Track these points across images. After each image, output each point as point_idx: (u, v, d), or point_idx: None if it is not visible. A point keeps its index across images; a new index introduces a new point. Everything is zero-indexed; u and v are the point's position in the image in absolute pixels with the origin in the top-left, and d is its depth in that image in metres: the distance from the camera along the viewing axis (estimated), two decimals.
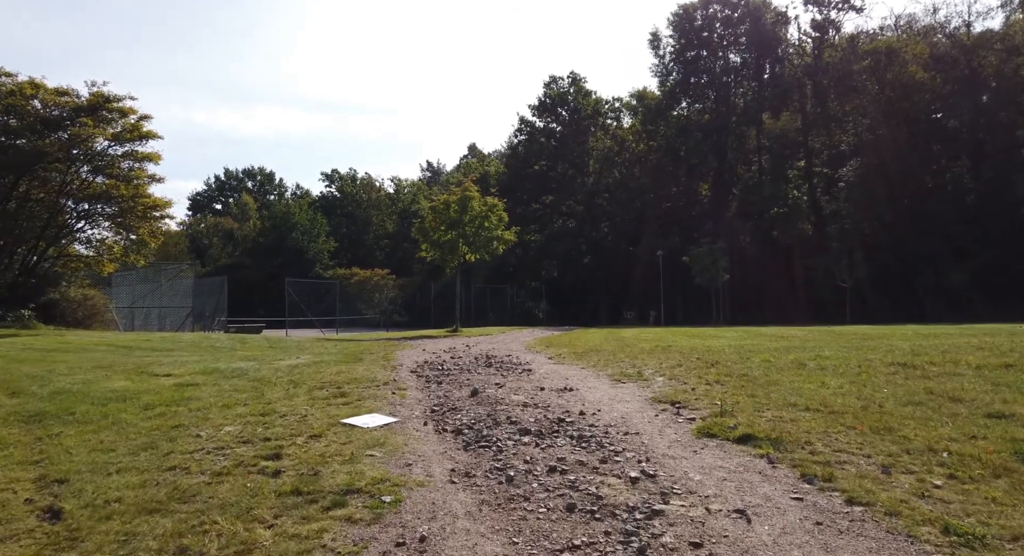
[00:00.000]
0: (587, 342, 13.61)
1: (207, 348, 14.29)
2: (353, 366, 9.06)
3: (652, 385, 7.28)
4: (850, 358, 8.29)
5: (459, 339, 18.32)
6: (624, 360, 9.37)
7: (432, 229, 24.18)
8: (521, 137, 53.44)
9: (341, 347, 14.96)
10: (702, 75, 48.59)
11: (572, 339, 15.20)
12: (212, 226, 63.83)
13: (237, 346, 15.35)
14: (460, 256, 24.17)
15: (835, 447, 4.61)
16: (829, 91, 41.59)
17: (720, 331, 16.58)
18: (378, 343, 16.59)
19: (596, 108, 52.12)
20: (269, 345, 15.63)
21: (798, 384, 6.76)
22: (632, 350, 10.73)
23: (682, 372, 7.94)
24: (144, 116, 21.07)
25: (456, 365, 9.67)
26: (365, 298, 53.60)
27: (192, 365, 9.32)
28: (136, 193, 19.23)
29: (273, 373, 8.25)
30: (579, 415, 5.84)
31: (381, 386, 7.32)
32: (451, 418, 5.83)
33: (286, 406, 6.08)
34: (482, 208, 24.00)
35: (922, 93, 39.05)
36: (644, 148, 50.16)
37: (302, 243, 59.64)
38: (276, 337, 18.43)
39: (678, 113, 49.68)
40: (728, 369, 7.89)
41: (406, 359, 10.73)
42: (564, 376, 8.14)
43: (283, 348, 14.60)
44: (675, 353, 9.88)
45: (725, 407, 5.74)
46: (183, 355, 11.80)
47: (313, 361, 9.72)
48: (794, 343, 10.98)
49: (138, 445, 4.84)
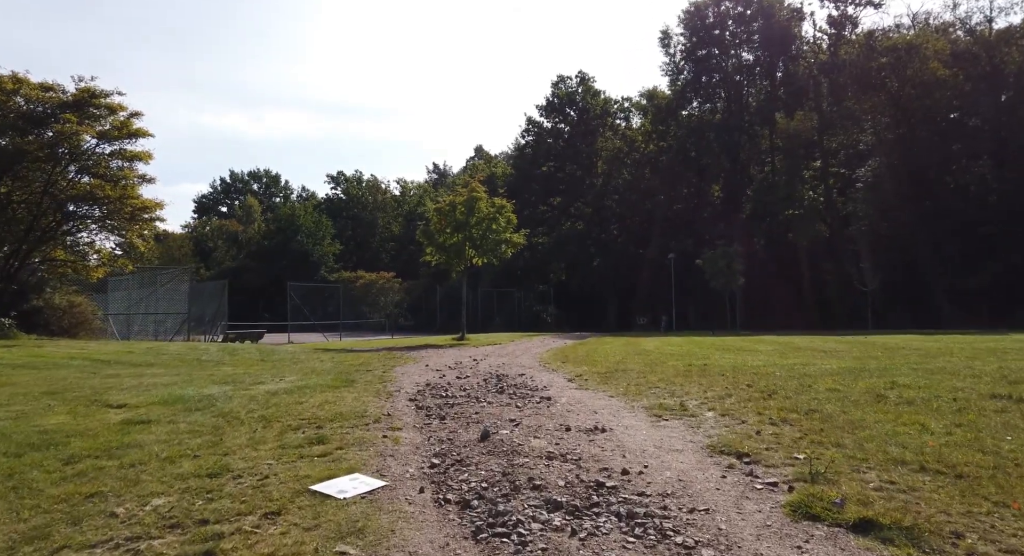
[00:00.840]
0: (607, 357, 12.21)
1: (191, 362, 12.99)
2: (342, 393, 7.70)
3: (702, 424, 5.88)
4: (935, 386, 6.87)
5: (466, 349, 16.96)
6: (658, 386, 7.97)
7: (437, 232, 22.85)
8: (528, 138, 52.17)
9: (337, 361, 13.63)
10: (713, 74, 47.17)
11: (589, 352, 13.81)
12: (216, 229, 62.80)
13: (225, 358, 14.06)
14: (467, 260, 22.83)
15: (998, 541, 3.22)
16: (846, 89, 40.06)
17: (750, 342, 15.14)
18: (378, 355, 15.25)
19: (605, 108, 50.78)
20: (260, 358, 14.31)
21: (890, 427, 5.35)
22: (663, 370, 9.33)
23: (735, 405, 6.54)
24: (134, 113, 19.85)
25: (462, 389, 8.30)
26: (370, 301, 52.31)
27: (158, 390, 7.99)
28: (124, 194, 17.98)
29: (246, 404, 6.90)
30: (622, 475, 4.46)
31: (371, 425, 5.95)
32: (456, 478, 4.46)
33: (246, 460, 4.72)
34: (490, 210, 22.66)
35: (943, 90, 37.46)
36: (654, 148, 48.76)
37: (307, 246, 58.53)
38: (269, 347, 17.13)
39: (689, 113, 48.28)
40: (791, 402, 6.48)
41: (405, 380, 9.37)
42: (591, 408, 6.76)
43: (273, 362, 13.28)
44: (716, 376, 8.46)
45: (815, 466, 4.34)
46: (158, 373, 10.49)
47: (297, 385, 8.36)
48: (849, 362, 9.55)
49: (24, 532, 3.49)
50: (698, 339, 18.11)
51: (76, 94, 18.28)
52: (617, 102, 51.91)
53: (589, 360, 11.80)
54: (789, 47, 44.76)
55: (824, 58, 42.83)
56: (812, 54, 44.51)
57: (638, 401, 7.04)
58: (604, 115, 50.75)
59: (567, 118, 50.80)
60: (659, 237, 45.60)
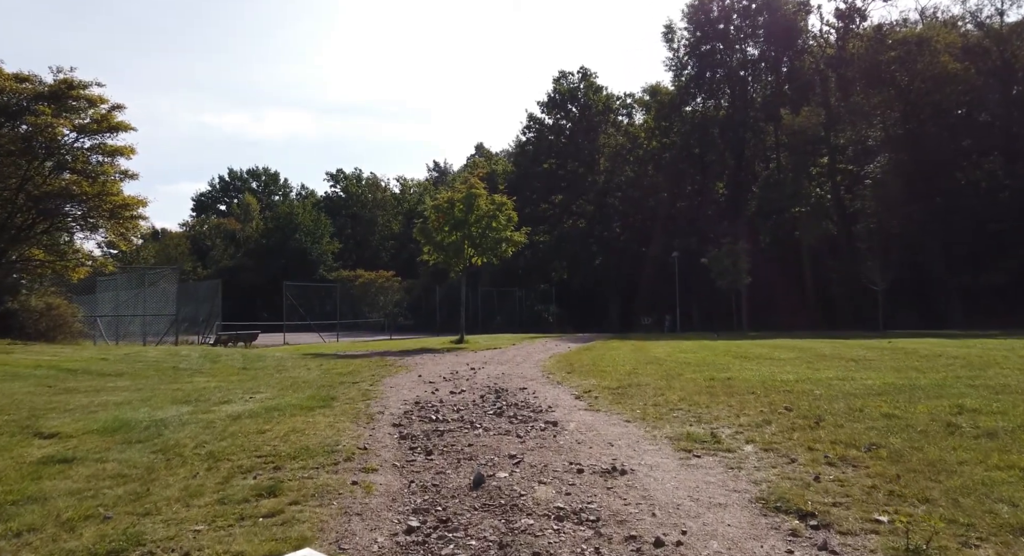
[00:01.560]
0: (617, 366, 11.12)
1: (165, 372, 11.94)
2: (316, 417, 6.62)
3: (743, 463, 4.80)
4: (1010, 411, 5.79)
5: (464, 355, 15.89)
6: (680, 407, 6.89)
7: (435, 230, 21.77)
8: (530, 134, 51.02)
9: (325, 369, 12.56)
10: (718, 69, 46.00)
11: (596, 360, 12.71)
12: (214, 227, 61.73)
13: (205, 366, 13.01)
14: (466, 259, 21.75)
15: None
16: (855, 84, 38.89)
17: (767, 348, 14.04)
18: (369, 362, 14.18)
19: (607, 104, 49.63)
20: (242, 365, 13.25)
21: (982, 472, 4.27)
22: (683, 386, 8.24)
23: (777, 437, 5.45)
24: (116, 106, 18.79)
25: (456, 410, 7.22)
26: (369, 301, 51.25)
27: (106, 412, 6.93)
28: (103, 191, 16.89)
29: (198, 433, 5.83)
30: (655, 548, 3.38)
31: (341, 464, 4.88)
32: (437, 552, 3.39)
33: (168, 524, 3.64)
34: (489, 207, 21.58)
35: (954, 85, 36.24)
36: (657, 145, 47.61)
37: (306, 244, 57.47)
38: (256, 352, 16.07)
39: (693, 109, 47.11)
40: (845, 433, 5.40)
41: (393, 397, 8.30)
42: (606, 439, 5.68)
43: (255, 372, 12.22)
44: (744, 394, 7.37)
45: (912, 539, 3.26)
46: (120, 386, 9.44)
47: (267, 405, 7.28)
48: (890, 375, 8.45)
49: None
50: (710, 344, 17.00)
51: (53, 85, 17.21)
52: (620, 98, 50.75)
53: (597, 370, 10.71)
54: (795, 41, 43.56)
55: (831, 52, 41.65)
56: (819, 49, 43.32)
57: (660, 428, 5.95)
58: (606, 111, 49.59)
59: (569, 114, 49.65)
60: (662, 235, 44.48)
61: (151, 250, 53.16)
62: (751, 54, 46.07)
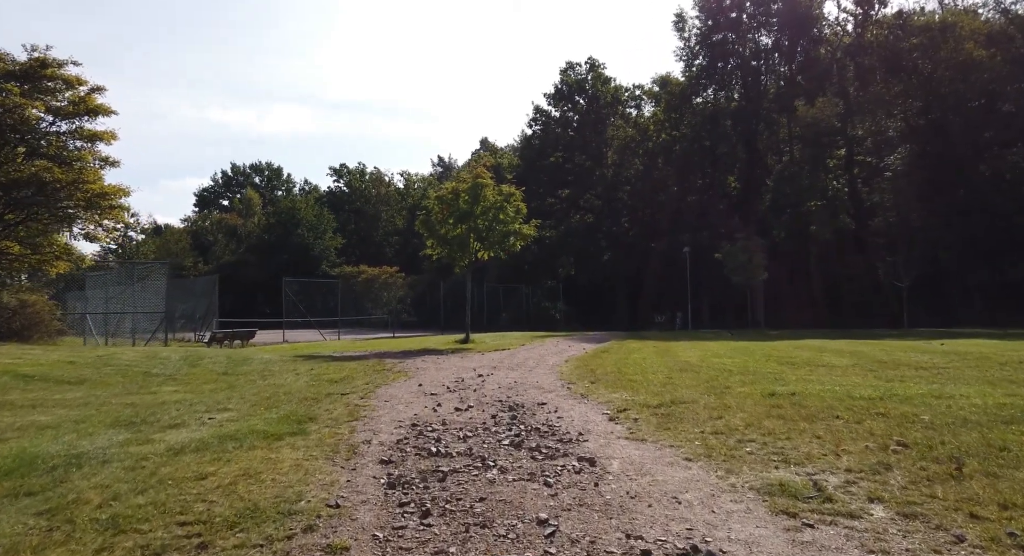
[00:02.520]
0: (646, 374, 9.56)
1: (132, 378, 10.46)
2: (283, 450, 5.09)
3: (883, 540, 3.24)
4: None
5: (470, 357, 14.35)
6: (751, 437, 5.31)
7: (439, 222, 20.21)
8: (536, 127, 49.34)
9: (314, 375, 11.06)
10: (730, 59, 44.23)
11: (619, 365, 11.14)
12: (216, 223, 60.30)
13: (180, 372, 11.55)
14: (472, 254, 20.18)
15: None
16: (874, 72, 37.08)
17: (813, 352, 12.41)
18: (366, 365, 12.66)
19: (615, 96, 47.90)
20: (223, 370, 11.76)
21: None
22: (740, 403, 6.67)
23: (911, 492, 3.89)
24: (96, 88, 17.29)
25: (462, 437, 5.68)
26: (373, 297, 49.82)
27: (21, 438, 5.43)
28: (78, 178, 15.38)
29: (115, 479, 4.30)
30: None
31: (298, 538, 3.34)
32: None
33: None
34: (496, 198, 20.01)
35: (979, 73, 34.42)
36: (667, 137, 45.90)
37: (308, 240, 56.02)
38: (243, 355, 14.56)
39: (704, 100, 45.36)
40: (1009, 487, 3.83)
41: (385, 416, 6.76)
42: (667, 489, 4.12)
43: (234, 378, 10.74)
44: (829, 419, 5.79)
45: None
46: (67, 399, 7.95)
47: (226, 431, 5.75)
48: (985, 389, 6.87)
49: None
50: (739, 345, 15.38)
51: (25, 64, 15.70)
52: (628, 90, 49.02)
53: (625, 379, 9.15)
54: (811, 30, 41.73)
55: (849, 41, 39.83)
56: (836, 37, 41.50)
57: (736, 472, 4.39)
58: (615, 103, 47.85)
59: (576, 106, 47.94)
60: (672, 230, 42.87)
61: (151, 245, 51.82)
62: (764, 43, 44.32)
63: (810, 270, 37.19)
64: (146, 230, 58.17)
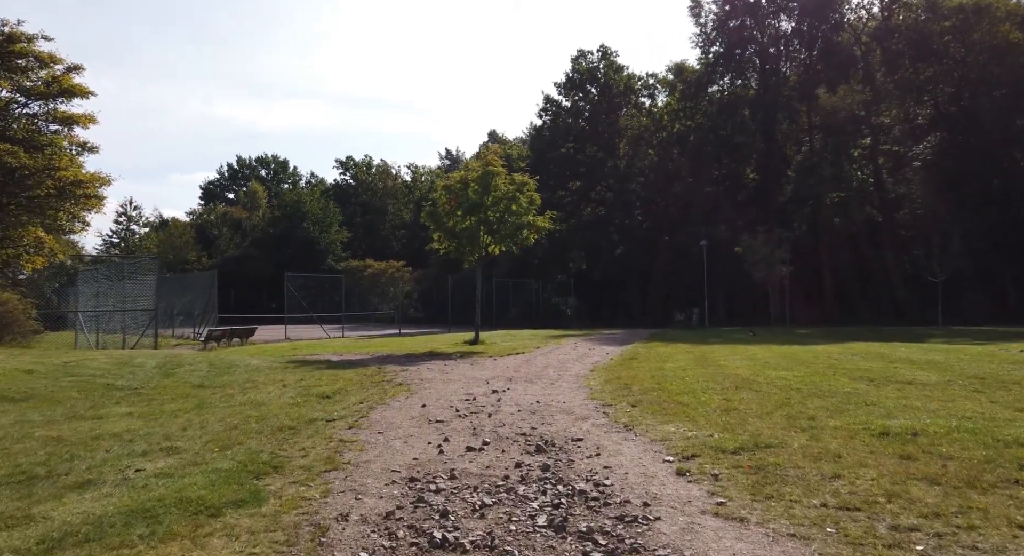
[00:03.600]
0: (696, 393, 7.83)
1: (89, 392, 8.88)
2: (211, 539, 3.40)
3: None
4: None
5: (481, 364, 12.66)
6: (903, 516, 3.59)
7: (446, 215, 18.50)
8: (546, 117, 47.36)
9: (302, 388, 9.43)
10: (747, 45, 42.05)
11: (658, 378, 9.41)
12: (221, 216, 58.83)
13: (149, 383, 9.96)
14: (482, 248, 18.48)
15: None
16: (903, 57, 34.90)
17: (883, 364, 10.62)
18: (365, 373, 11.04)
19: (628, 84, 45.82)
20: (198, 383, 10.15)
21: None
22: (843, 445, 4.93)
23: None
24: (73, 67, 15.67)
25: (477, 509, 3.98)
26: (379, 292, 48.32)
27: None
28: (49, 164, 13.79)
29: None
30: None
31: None
32: None
33: None
34: (509, 187, 18.26)
35: (1015, 56, 32.24)
36: (682, 127, 43.86)
37: (314, 233, 54.47)
38: (228, 361, 12.93)
39: (720, 88, 43.26)
40: None
41: (373, 464, 5.06)
42: None
43: (210, 391, 9.13)
44: (1008, 485, 4.06)
45: None
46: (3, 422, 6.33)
47: (143, 498, 4.06)
48: None
49: None
50: (787, 351, 13.54)
51: None
52: (641, 78, 46.92)
53: (671, 399, 7.44)
54: (833, 13, 39.47)
55: (875, 24, 37.62)
56: (860, 20, 39.29)
57: None
58: (628, 92, 45.78)
59: (588, 96, 45.91)
60: (688, 223, 40.94)
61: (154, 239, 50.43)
62: (784, 29, 42.08)
63: (834, 264, 35.23)
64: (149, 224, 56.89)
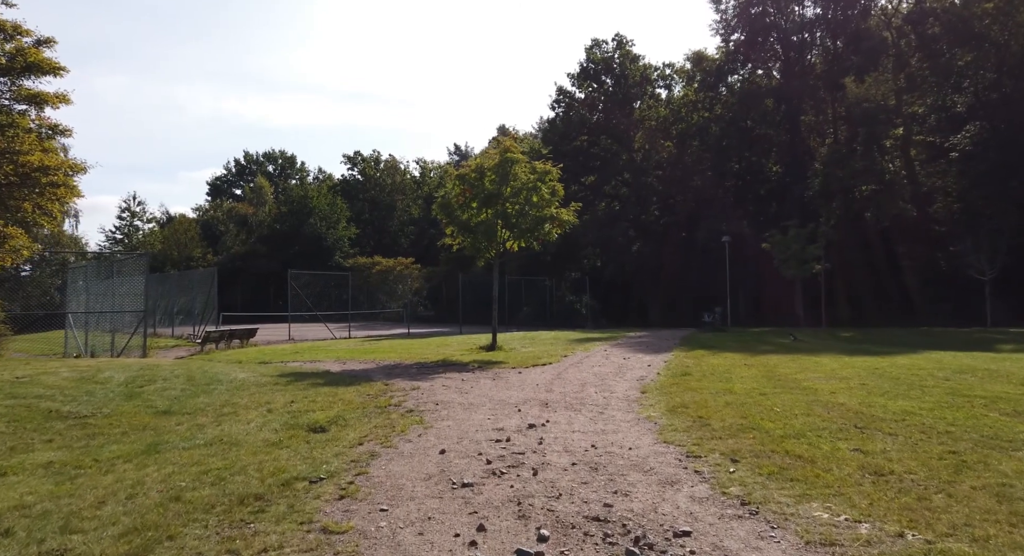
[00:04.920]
0: (810, 435, 5.77)
1: (23, 423, 6.94)
2: None
3: None
4: None
5: (505, 381, 10.63)
6: None
7: (459, 206, 16.45)
8: (559, 109, 45.16)
9: (288, 418, 7.43)
10: (771, 33, 39.70)
11: (741, 406, 7.34)
12: (227, 212, 57.03)
13: (106, 408, 8.04)
14: (499, 244, 16.44)
15: None
16: (939, 42, 32.50)
17: (1002, 382, 8.54)
18: (369, 392, 9.05)
19: (644, 75, 43.54)
20: (164, 407, 8.20)
21: None
22: None
23: None
24: (45, 40, 13.72)
25: None
26: (387, 290, 46.40)
27: None
28: (8, 148, 11.88)
29: None
30: None
31: None
32: None
33: None
34: (530, 177, 16.20)
35: None
36: (700, 119, 41.61)
37: (321, 229, 52.62)
38: (211, 373, 10.94)
39: (742, 78, 40.95)
40: None
41: None
42: None
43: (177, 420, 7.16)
44: None
45: None
46: None
47: None
48: None
49: None
50: (864, 363, 11.39)
51: None
52: (658, 69, 44.63)
53: (779, 447, 5.39)
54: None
55: (909, 9, 35.19)
56: (891, 4, 36.87)
57: None
58: (644, 82, 43.53)
59: (602, 86, 43.72)
60: (708, 218, 38.73)
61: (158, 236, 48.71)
62: (808, 15, 39.69)
63: (866, 261, 32.96)
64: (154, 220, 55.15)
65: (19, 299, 39.74)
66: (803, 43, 39.63)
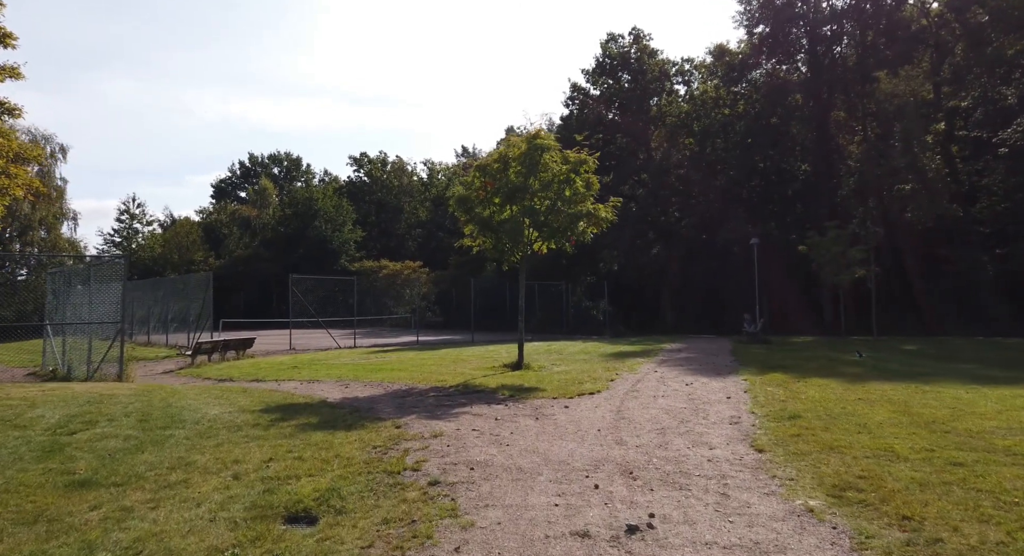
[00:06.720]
0: None
1: None
2: None
3: None
4: None
5: (553, 425, 8.07)
6: None
7: (479, 201, 13.92)
8: (572, 107, 42.69)
9: (263, 488, 4.86)
10: (799, 23, 37.16)
11: (934, 487, 4.84)
12: (230, 214, 54.76)
13: (5, 470, 5.45)
14: (527, 245, 13.93)
15: None
16: (985, 30, 29.91)
17: None
18: (376, 446, 6.53)
19: (663, 70, 41.04)
20: (85, 474, 5.68)
21: None
22: None
23: None
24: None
25: None
26: (394, 294, 43.97)
27: None
28: None
29: None
30: None
31: None
32: None
33: None
34: (562, 167, 13.70)
35: None
36: (722, 116, 39.06)
37: (326, 232, 50.25)
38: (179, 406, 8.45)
39: (767, 72, 38.41)
40: None
41: None
42: None
43: (96, 493, 4.58)
44: None
45: None
46: None
47: None
48: None
49: None
50: (1010, 395, 8.89)
51: None
52: (677, 64, 42.11)
53: None
54: None
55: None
56: None
57: None
58: (662, 77, 41.02)
59: (618, 82, 41.23)
60: (732, 220, 36.16)
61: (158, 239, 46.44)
62: (838, 5, 37.12)
63: (910, 264, 30.34)
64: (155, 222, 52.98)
65: (13, 305, 37.52)
66: (832, 35, 37.07)
